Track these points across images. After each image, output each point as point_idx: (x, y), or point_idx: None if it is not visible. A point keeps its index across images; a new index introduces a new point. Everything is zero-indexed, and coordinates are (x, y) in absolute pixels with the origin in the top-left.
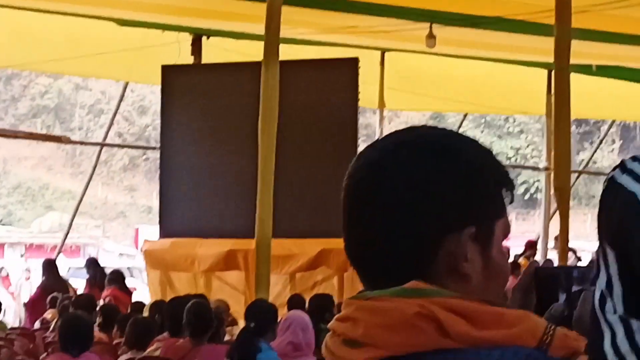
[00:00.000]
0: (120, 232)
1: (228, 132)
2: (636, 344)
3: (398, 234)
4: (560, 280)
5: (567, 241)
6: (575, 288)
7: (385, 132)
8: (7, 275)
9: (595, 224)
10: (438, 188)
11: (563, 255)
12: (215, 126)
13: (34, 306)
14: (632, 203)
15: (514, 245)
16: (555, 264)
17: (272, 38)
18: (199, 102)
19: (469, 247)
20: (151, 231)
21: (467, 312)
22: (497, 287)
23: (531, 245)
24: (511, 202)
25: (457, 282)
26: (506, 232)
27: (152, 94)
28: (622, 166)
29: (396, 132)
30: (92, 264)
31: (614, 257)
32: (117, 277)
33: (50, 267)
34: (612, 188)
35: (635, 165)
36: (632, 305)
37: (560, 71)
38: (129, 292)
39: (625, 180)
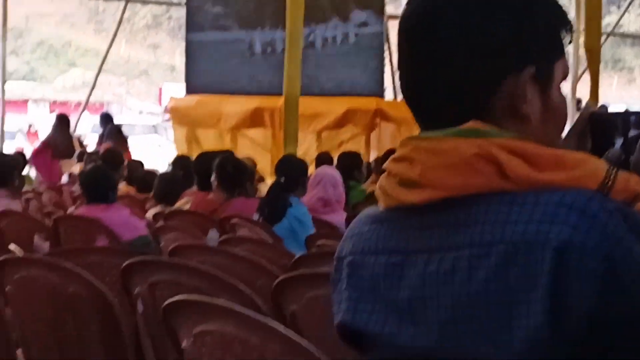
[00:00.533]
0: (144, 90)
1: None
2: None
3: (457, 74)
4: (616, 125)
5: (598, 102)
6: (633, 133)
7: None
8: (36, 131)
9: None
10: (497, 27)
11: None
12: None
13: (36, 157)
14: None
15: None
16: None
17: None
18: None
19: (529, 87)
20: (174, 89)
21: (528, 154)
22: (556, 129)
23: None
24: (570, 42)
25: (516, 123)
26: (565, 73)
27: None
28: None
29: None
30: (105, 119)
31: None
32: (116, 132)
33: (60, 122)
34: None
35: None
36: None
37: None
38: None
39: None
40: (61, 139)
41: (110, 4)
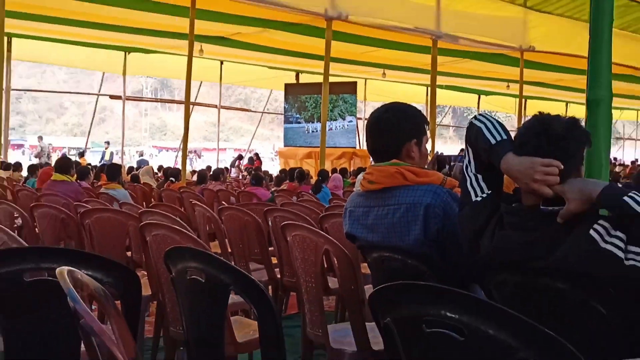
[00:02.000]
0: (269, 146)
1: None
2: (480, 185)
3: (389, 141)
4: (447, 161)
5: (433, 151)
6: (452, 163)
7: (368, 108)
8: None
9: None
10: (402, 123)
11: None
12: None
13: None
14: (477, 131)
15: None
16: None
17: (326, 73)
18: None
19: (414, 146)
20: (280, 145)
21: (414, 171)
22: (423, 163)
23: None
24: (428, 129)
25: (409, 159)
26: (426, 141)
27: (280, 95)
28: (475, 117)
29: (385, 104)
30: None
31: (470, 151)
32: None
33: (251, 157)
34: (470, 125)
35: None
36: (477, 169)
37: (432, 86)
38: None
39: (475, 121)
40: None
41: (256, 114)
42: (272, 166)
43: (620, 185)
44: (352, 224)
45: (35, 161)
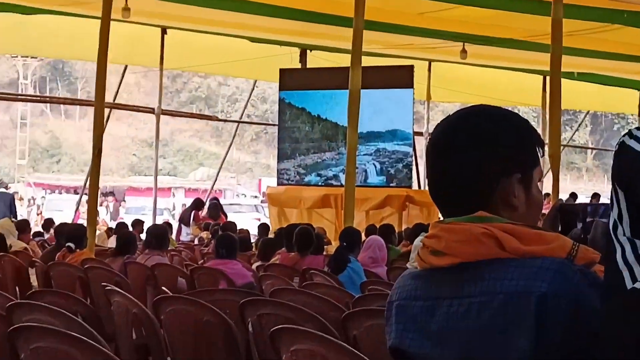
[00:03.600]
0: (249, 181)
1: None
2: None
3: (467, 178)
4: (577, 213)
5: (558, 193)
6: (589, 219)
7: (430, 117)
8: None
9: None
10: (494, 145)
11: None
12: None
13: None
14: (637, 160)
15: None
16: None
17: (357, 50)
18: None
19: (516, 187)
20: (270, 181)
21: (517, 233)
22: (535, 215)
23: (594, 196)
24: (542, 156)
25: (508, 211)
26: (540, 176)
27: (270, 89)
28: (629, 133)
29: (461, 109)
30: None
31: (623, 196)
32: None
33: (213, 204)
34: (622, 148)
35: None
36: (637, 230)
37: (554, 75)
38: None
39: (633, 143)
40: (214, 214)
41: (227, 124)
42: (254, 220)
43: None
44: (403, 331)
45: None
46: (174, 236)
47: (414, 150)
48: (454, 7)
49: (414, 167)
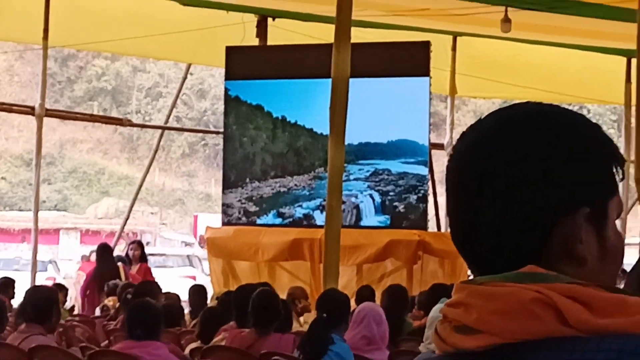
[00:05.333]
0: (178, 219)
1: None
2: None
3: (509, 218)
4: None
5: None
6: None
7: (455, 121)
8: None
9: None
10: (549, 168)
11: None
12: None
13: (84, 292)
14: None
15: None
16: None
17: (344, 19)
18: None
19: (584, 228)
20: (210, 219)
21: (587, 299)
22: (613, 270)
23: None
24: (622, 179)
25: (572, 265)
26: (619, 211)
27: (211, 77)
28: None
29: (499, 109)
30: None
31: None
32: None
33: (102, 252)
34: None
35: None
36: None
37: None
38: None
39: None
40: (109, 272)
41: (145, 132)
42: (186, 279)
43: None
44: None
45: None
46: (70, 304)
47: (431, 171)
48: None
49: (430, 198)
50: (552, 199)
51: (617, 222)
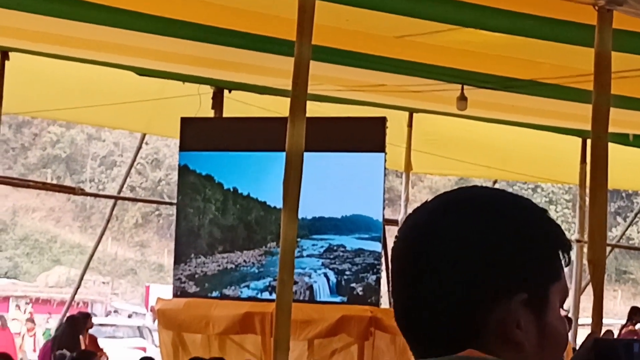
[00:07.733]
0: (130, 289)
1: None
2: None
3: (446, 297)
4: (619, 355)
5: (601, 317)
6: None
7: (410, 197)
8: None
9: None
10: (486, 251)
11: (598, 332)
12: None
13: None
14: None
15: None
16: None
17: (299, 93)
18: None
19: (522, 313)
20: (162, 290)
21: None
22: (554, 356)
23: (636, 311)
24: (567, 264)
25: (510, 350)
26: (564, 296)
27: (166, 147)
28: None
29: (446, 192)
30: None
31: None
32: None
33: (68, 323)
34: None
35: None
36: None
37: (598, 139)
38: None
39: None
40: (68, 342)
41: (98, 201)
42: (136, 351)
43: None
44: None
45: None
46: None
47: (385, 247)
48: (449, 29)
49: (383, 274)
50: (488, 281)
51: (570, 302)
